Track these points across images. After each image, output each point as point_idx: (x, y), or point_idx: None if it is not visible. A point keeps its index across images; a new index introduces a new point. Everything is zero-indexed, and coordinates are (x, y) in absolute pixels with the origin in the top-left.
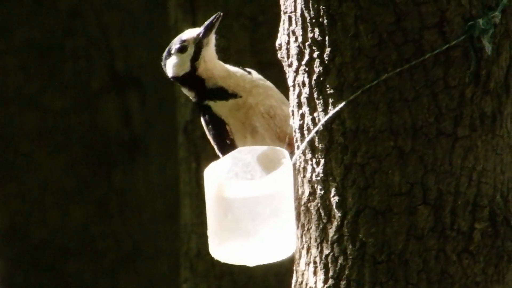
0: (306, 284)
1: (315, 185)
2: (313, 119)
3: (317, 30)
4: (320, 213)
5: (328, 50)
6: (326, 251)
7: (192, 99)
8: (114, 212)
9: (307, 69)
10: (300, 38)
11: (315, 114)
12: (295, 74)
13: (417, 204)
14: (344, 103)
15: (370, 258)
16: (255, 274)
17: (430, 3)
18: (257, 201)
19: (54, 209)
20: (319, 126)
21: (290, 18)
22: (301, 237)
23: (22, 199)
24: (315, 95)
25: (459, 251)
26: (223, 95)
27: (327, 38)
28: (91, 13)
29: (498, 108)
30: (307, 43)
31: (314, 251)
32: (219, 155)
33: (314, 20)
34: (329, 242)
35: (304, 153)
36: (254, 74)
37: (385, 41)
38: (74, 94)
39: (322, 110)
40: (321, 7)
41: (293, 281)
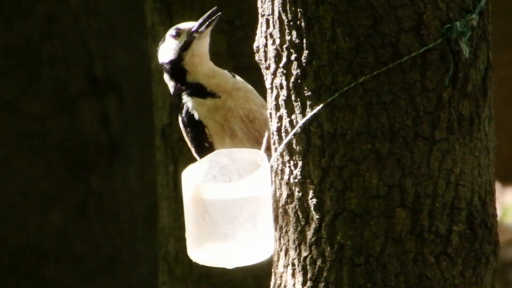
0: (285, 286)
1: (293, 188)
2: (291, 122)
3: (294, 33)
4: (298, 216)
5: (305, 52)
6: (304, 254)
7: (170, 90)
8: (93, 216)
9: (284, 71)
10: (278, 41)
11: (293, 116)
12: (272, 76)
13: (395, 206)
14: (321, 105)
15: (348, 261)
16: (234, 277)
17: (407, 6)
18: (235, 203)
19: (33, 213)
20: (297, 128)
21: (268, 21)
22: (279, 239)
23: (0, 204)
24: (293, 97)
25: (437, 254)
26: (201, 92)
27: (305, 41)
28: (69, 17)
29: (476, 111)
30: (284, 46)
31: (292, 254)
32: (196, 158)
33: (291, 23)
34: (307, 245)
35: (282, 155)
36: (238, 78)
37: (362, 44)
38: (52, 99)
39: (300, 113)
40: (298, 10)
41: (272, 284)
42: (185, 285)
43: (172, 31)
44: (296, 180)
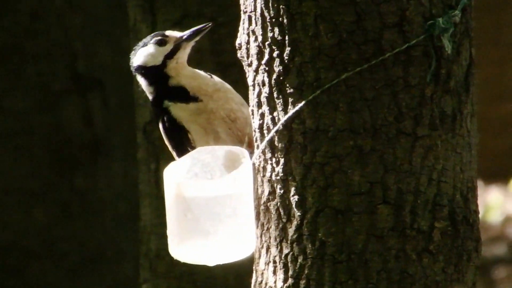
0: (266, 284)
1: (275, 185)
2: (273, 119)
3: (277, 30)
4: (280, 213)
5: (288, 49)
6: (285, 251)
7: (149, 95)
8: (77, 214)
9: (267, 68)
10: (260, 38)
11: (275, 113)
12: (255, 73)
13: (377, 203)
14: (304, 102)
15: (330, 258)
16: (215, 274)
17: (390, 3)
18: (217, 200)
19: (17, 211)
20: (279, 125)
21: (250, 17)
22: (261, 236)
23: None
24: (275, 94)
25: (419, 251)
26: (184, 97)
27: (287, 38)
28: (53, 14)
29: (458, 107)
30: (267, 43)
31: (273, 251)
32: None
33: (274, 20)
34: (289, 242)
35: (264, 152)
36: (215, 78)
37: (345, 40)
38: (36, 96)
39: (282, 110)
40: (281, 6)
41: (253, 281)
42: (167, 283)
43: (157, 38)
44: (278, 177)
